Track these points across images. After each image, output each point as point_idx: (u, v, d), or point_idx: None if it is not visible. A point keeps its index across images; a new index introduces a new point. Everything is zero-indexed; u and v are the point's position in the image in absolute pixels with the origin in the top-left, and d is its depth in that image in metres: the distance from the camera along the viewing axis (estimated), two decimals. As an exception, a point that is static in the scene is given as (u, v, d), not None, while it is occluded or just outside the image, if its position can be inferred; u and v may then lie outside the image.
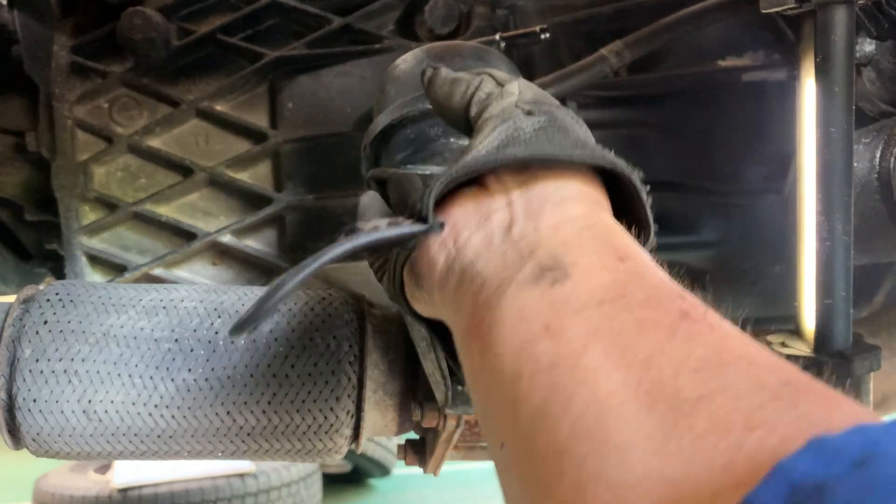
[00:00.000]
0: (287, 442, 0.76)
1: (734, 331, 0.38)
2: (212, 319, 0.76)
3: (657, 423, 0.32)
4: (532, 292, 0.40)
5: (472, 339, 0.44)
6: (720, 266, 1.13)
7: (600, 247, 0.42)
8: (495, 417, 0.41)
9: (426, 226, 0.48)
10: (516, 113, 0.51)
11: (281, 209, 1.07)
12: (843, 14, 0.76)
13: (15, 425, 0.74)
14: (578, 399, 0.34)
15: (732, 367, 0.33)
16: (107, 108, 1.07)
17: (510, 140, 0.48)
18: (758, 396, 0.31)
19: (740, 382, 0.32)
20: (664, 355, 0.34)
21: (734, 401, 0.31)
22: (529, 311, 0.40)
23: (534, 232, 0.44)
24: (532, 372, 0.37)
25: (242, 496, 2.99)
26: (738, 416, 0.30)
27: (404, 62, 0.78)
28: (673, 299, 0.38)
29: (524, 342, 0.39)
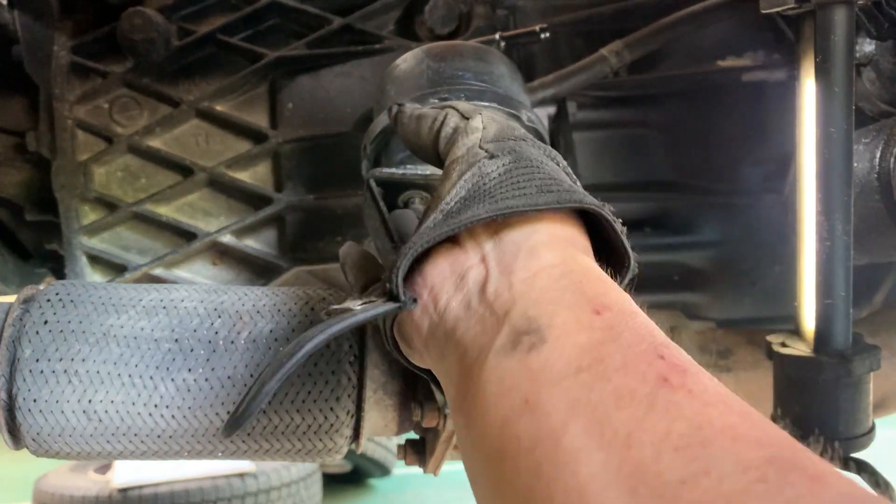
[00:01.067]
0: (287, 442, 0.76)
1: (715, 395, 0.37)
2: (212, 319, 0.76)
3: None
4: (510, 362, 0.40)
5: (457, 413, 0.45)
6: (720, 266, 1.13)
7: (575, 299, 0.42)
8: (484, 493, 0.41)
9: (397, 304, 0.48)
10: (480, 156, 0.51)
11: (281, 209, 1.07)
12: (842, 14, 0.76)
13: (15, 425, 0.74)
14: (560, 485, 0.34)
15: (715, 445, 0.32)
16: (107, 109, 1.07)
17: (475, 192, 0.48)
18: (742, 479, 0.30)
19: (724, 463, 0.31)
20: (644, 432, 0.33)
21: (717, 485, 0.30)
22: (508, 384, 0.40)
23: (507, 290, 0.44)
24: (515, 452, 0.37)
25: (242, 496, 2.99)
26: (721, 503, 0.30)
27: (404, 62, 0.78)
28: (651, 361, 0.37)
29: (505, 419, 0.39)
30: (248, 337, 0.75)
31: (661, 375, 0.36)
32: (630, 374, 0.37)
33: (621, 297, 0.44)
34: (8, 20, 1.12)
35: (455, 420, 0.46)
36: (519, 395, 0.39)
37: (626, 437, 0.34)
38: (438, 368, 0.49)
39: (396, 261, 0.48)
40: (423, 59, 0.76)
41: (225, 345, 0.75)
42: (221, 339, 0.75)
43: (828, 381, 0.74)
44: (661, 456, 0.32)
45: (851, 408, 0.75)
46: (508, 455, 0.37)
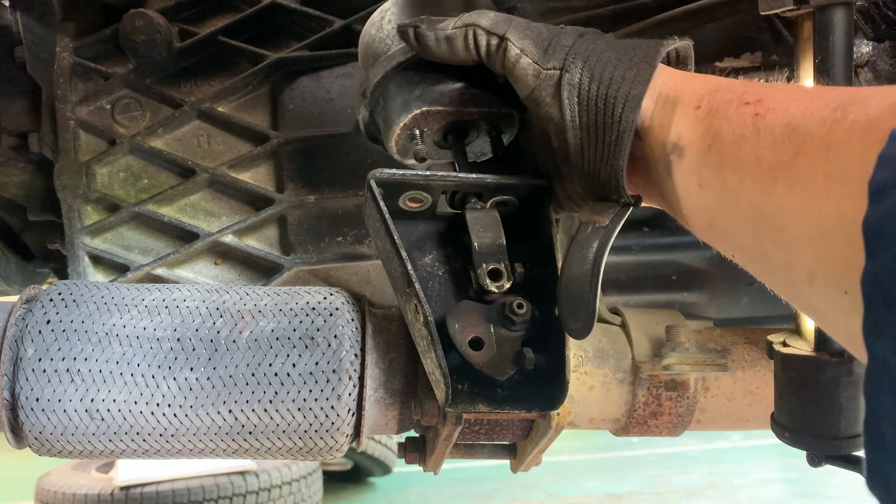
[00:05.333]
0: (288, 440, 0.76)
1: (787, 99, 0.53)
2: (214, 319, 0.77)
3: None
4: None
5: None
6: (718, 266, 1.13)
7: (683, 109, 0.60)
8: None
9: (630, 206, 0.62)
10: (555, 78, 0.63)
11: (282, 209, 1.08)
12: (841, 15, 0.76)
13: (18, 424, 0.74)
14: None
15: (801, 123, 0.49)
16: (109, 110, 1.08)
17: (596, 107, 0.62)
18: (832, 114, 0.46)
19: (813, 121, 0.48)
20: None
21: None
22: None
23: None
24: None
25: (244, 494, 3.00)
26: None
27: (373, 26, 0.79)
28: (741, 108, 0.54)
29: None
30: (249, 336, 0.76)
31: (753, 112, 0.52)
32: (735, 124, 0.53)
33: (703, 85, 0.59)
34: (11, 22, 1.13)
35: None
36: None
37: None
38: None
39: (616, 176, 0.62)
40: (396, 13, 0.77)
41: (227, 344, 0.75)
42: (223, 338, 0.76)
43: (829, 380, 0.75)
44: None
45: (852, 406, 0.75)
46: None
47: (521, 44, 0.65)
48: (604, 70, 0.62)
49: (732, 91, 0.56)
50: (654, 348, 0.83)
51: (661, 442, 4.23)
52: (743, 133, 0.52)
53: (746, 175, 0.52)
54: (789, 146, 0.48)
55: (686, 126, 0.58)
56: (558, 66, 0.64)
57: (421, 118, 0.74)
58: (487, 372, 0.66)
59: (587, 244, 0.62)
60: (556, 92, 0.64)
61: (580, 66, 0.63)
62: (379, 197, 0.70)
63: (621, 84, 0.61)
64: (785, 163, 0.48)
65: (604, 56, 0.63)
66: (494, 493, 3.83)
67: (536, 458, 0.80)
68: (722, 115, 0.55)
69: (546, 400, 0.66)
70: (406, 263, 0.67)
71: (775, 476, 4.06)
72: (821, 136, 0.46)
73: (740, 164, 0.52)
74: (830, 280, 0.45)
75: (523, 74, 0.65)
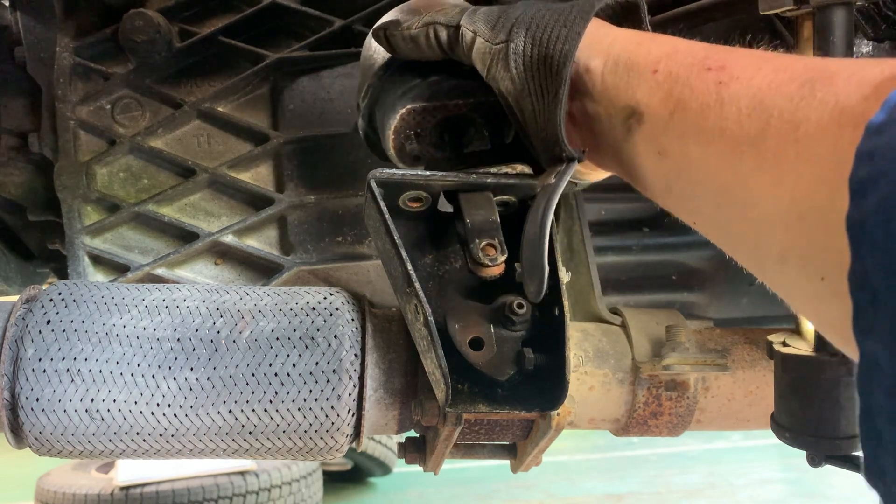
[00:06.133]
0: (288, 440, 0.76)
1: (751, 70, 0.52)
2: (214, 319, 0.77)
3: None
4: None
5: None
6: (718, 266, 1.14)
7: (640, 72, 0.60)
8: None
9: (575, 159, 0.63)
10: (502, 51, 0.64)
11: (282, 209, 1.08)
12: (841, 15, 0.76)
13: (18, 424, 0.74)
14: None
15: (768, 95, 0.48)
16: (109, 110, 1.08)
17: (537, 69, 0.63)
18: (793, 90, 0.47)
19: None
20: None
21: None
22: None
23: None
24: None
25: (243, 494, 3.00)
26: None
27: (369, 40, 0.81)
28: (703, 74, 0.54)
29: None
30: (249, 336, 0.76)
31: (716, 80, 0.51)
32: (698, 92, 0.52)
33: (659, 47, 0.58)
34: (10, 22, 1.13)
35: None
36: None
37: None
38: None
39: (554, 132, 0.62)
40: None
41: (227, 344, 0.75)
42: (223, 338, 0.76)
43: (829, 380, 0.75)
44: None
45: (853, 406, 0.75)
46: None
47: (472, 27, 0.67)
48: (542, 33, 0.63)
49: (693, 54, 0.55)
50: (654, 348, 0.83)
51: (661, 442, 4.23)
52: (706, 102, 0.52)
53: (710, 146, 0.51)
54: (756, 120, 0.48)
55: (644, 91, 0.57)
56: (504, 38, 0.65)
57: (409, 118, 0.74)
58: (487, 372, 0.66)
59: (537, 205, 0.63)
60: (506, 63, 0.65)
61: (523, 34, 0.64)
62: (379, 197, 0.70)
63: (556, 42, 0.62)
64: (752, 137, 0.48)
65: (543, 20, 0.64)
66: (494, 493, 3.83)
67: (536, 458, 0.80)
68: (683, 82, 0.54)
69: (546, 400, 0.66)
70: (406, 263, 0.67)
71: (775, 476, 4.06)
72: (789, 113, 0.46)
73: (704, 133, 0.52)
74: (805, 265, 0.45)
75: (479, 54, 0.67)
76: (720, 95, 0.51)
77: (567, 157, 0.63)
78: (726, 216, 0.52)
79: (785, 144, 0.45)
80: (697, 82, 0.53)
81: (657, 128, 0.56)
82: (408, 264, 0.67)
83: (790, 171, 0.45)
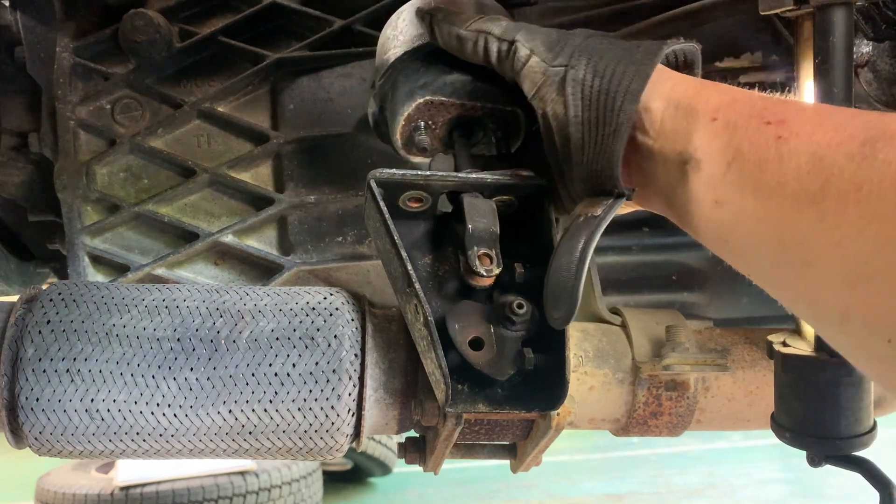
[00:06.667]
0: (288, 440, 0.76)
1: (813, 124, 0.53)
2: (214, 319, 0.77)
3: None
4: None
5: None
6: (718, 266, 1.13)
7: (701, 122, 0.60)
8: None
9: (624, 197, 0.63)
10: (561, 74, 0.65)
11: (282, 209, 1.08)
12: (841, 15, 0.76)
13: (17, 424, 0.74)
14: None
15: (828, 154, 0.49)
16: (109, 110, 1.08)
17: (597, 101, 0.63)
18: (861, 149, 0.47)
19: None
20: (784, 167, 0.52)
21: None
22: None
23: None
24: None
25: (243, 494, 3.00)
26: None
27: (389, 25, 0.80)
28: (763, 128, 0.55)
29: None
30: (249, 336, 0.76)
31: (776, 135, 0.51)
32: (758, 145, 0.53)
33: (719, 96, 0.59)
34: (10, 22, 1.13)
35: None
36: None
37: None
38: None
39: (610, 167, 0.62)
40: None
41: (227, 344, 0.75)
42: (223, 338, 0.76)
43: (829, 380, 0.75)
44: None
45: (853, 407, 0.75)
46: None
47: (530, 45, 0.67)
48: (606, 66, 0.63)
49: (752, 106, 0.56)
50: (654, 348, 0.83)
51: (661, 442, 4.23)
52: (766, 155, 0.52)
53: (769, 200, 0.51)
54: (816, 178, 0.48)
55: (702, 138, 0.57)
56: (564, 62, 0.65)
57: (425, 109, 0.75)
58: (487, 372, 0.66)
59: (577, 234, 0.62)
60: (561, 88, 0.65)
61: (584, 63, 0.64)
62: (379, 197, 0.70)
63: (622, 79, 0.62)
64: (812, 194, 0.48)
65: (607, 53, 0.64)
66: (494, 493, 3.83)
67: (536, 459, 0.80)
68: (742, 132, 0.54)
69: (546, 400, 0.66)
70: (406, 263, 0.67)
71: (775, 476, 4.06)
72: (850, 172, 0.46)
73: (763, 187, 0.51)
74: (870, 326, 0.45)
75: (531, 73, 0.67)
76: (780, 150, 0.51)
77: (618, 192, 0.63)
78: (784, 272, 0.52)
79: (847, 204, 0.45)
80: (757, 135, 0.53)
81: (715, 177, 0.56)
82: (408, 264, 0.67)
83: (852, 230, 0.45)
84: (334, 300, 0.79)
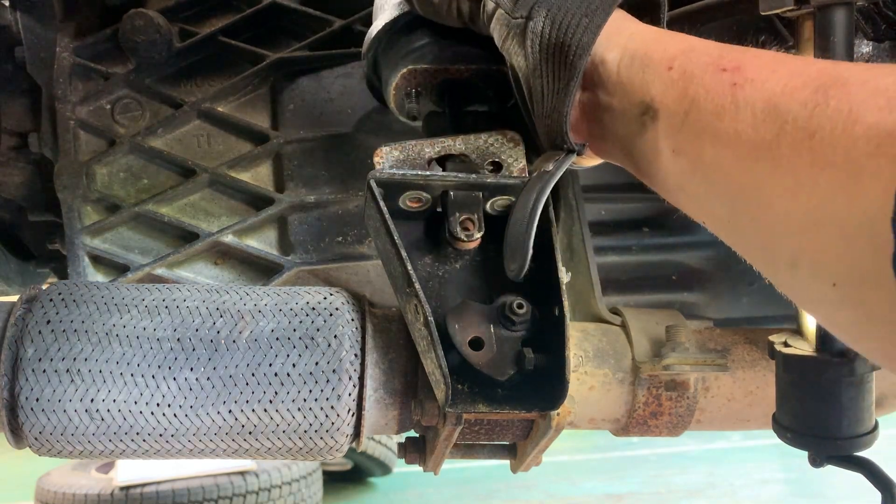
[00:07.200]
0: (288, 440, 0.76)
1: (768, 71, 0.53)
2: (214, 319, 0.77)
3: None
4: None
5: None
6: (718, 266, 1.13)
7: (655, 69, 0.60)
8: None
9: (574, 152, 0.64)
10: (521, 26, 0.64)
11: (282, 209, 1.08)
12: (842, 16, 0.76)
13: (17, 424, 0.74)
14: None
15: (781, 99, 0.49)
16: (109, 110, 1.08)
17: (552, 54, 0.63)
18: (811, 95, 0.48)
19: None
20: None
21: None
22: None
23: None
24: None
25: (243, 494, 3.00)
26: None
27: None
28: (719, 74, 0.55)
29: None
30: (249, 336, 0.76)
31: (731, 81, 0.51)
32: (714, 93, 0.53)
33: (674, 44, 0.59)
34: (10, 22, 1.13)
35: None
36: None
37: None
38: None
39: (560, 122, 0.63)
40: None
41: (227, 344, 0.75)
42: (223, 338, 0.76)
43: (830, 380, 0.75)
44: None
45: (854, 407, 0.75)
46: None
47: None
48: (564, 17, 0.63)
49: (708, 53, 0.56)
50: (654, 348, 0.83)
51: (661, 442, 4.23)
52: (722, 103, 0.52)
53: (726, 148, 0.52)
54: (770, 125, 0.48)
55: (659, 87, 0.58)
56: (525, 14, 0.65)
57: (411, 77, 0.75)
58: (487, 372, 0.66)
59: (530, 189, 0.64)
60: (522, 40, 0.65)
61: (544, 15, 0.64)
62: (379, 197, 0.70)
63: (576, 30, 0.62)
64: (767, 142, 0.48)
65: (566, 3, 0.64)
66: (494, 493, 3.83)
67: (536, 459, 0.80)
68: (698, 81, 0.55)
69: (546, 400, 0.66)
70: (406, 263, 0.67)
71: (775, 476, 4.06)
72: (803, 119, 0.46)
73: (719, 135, 0.52)
74: (818, 270, 0.46)
75: (497, 25, 0.67)
76: (735, 98, 0.51)
77: (568, 148, 0.64)
78: (739, 219, 0.53)
79: (800, 151, 0.46)
80: (712, 82, 0.53)
81: (672, 126, 0.56)
82: (408, 264, 0.67)
83: (805, 178, 0.45)
84: (334, 300, 0.79)
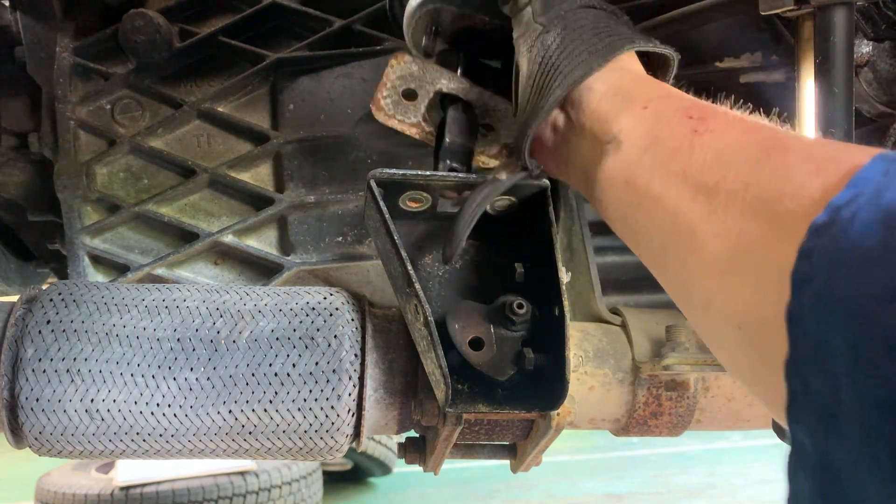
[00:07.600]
0: (288, 440, 0.76)
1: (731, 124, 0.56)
2: (213, 319, 0.77)
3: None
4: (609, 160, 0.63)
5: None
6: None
7: (630, 106, 0.63)
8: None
9: (527, 172, 0.68)
10: (538, 31, 0.67)
11: (282, 209, 1.08)
12: (842, 15, 0.76)
13: (17, 424, 0.74)
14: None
15: (725, 155, 0.52)
16: (109, 110, 1.08)
17: (544, 67, 0.65)
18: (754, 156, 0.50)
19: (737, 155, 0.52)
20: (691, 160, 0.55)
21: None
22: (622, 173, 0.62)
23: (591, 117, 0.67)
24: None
25: (243, 494, 3.00)
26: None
27: None
28: (684, 122, 0.57)
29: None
30: (249, 336, 0.76)
31: (693, 128, 0.55)
32: (676, 134, 0.56)
33: (657, 90, 0.62)
34: (10, 22, 1.13)
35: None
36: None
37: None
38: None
39: (521, 143, 0.67)
40: None
41: (227, 344, 0.75)
42: (223, 338, 0.76)
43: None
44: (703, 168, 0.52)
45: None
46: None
47: None
48: (570, 42, 0.65)
49: (681, 102, 0.59)
50: (654, 348, 0.83)
51: (661, 442, 4.23)
52: (680, 144, 0.55)
53: (671, 187, 0.54)
54: (715, 172, 0.51)
55: (629, 121, 0.60)
56: (544, 23, 0.67)
57: (435, 14, 0.76)
58: (487, 372, 0.66)
59: (478, 192, 0.68)
60: (532, 45, 0.67)
61: (558, 31, 0.66)
62: (379, 197, 0.70)
63: (573, 61, 0.64)
64: (708, 187, 0.51)
65: (580, 30, 0.66)
66: (494, 493, 3.83)
67: (536, 459, 0.80)
68: (666, 122, 0.57)
69: (546, 400, 0.66)
70: (406, 263, 0.67)
71: (775, 476, 4.05)
72: (744, 173, 0.49)
73: (670, 173, 0.55)
74: (727, 313, 0.48)
75: (521, 19, 0.69)
76: (692, 142, 0.54)
77: (522, 166, 0.68)
78: (668, 256, 0.55)
79: (734, 200, 0.48)
80: (678, 125, 0.56)
81: (632, 157, 0.59)
82: (408, 264, 0.67)
83: (734, 224, 0.48)
84: (334, 300, 0.79)
